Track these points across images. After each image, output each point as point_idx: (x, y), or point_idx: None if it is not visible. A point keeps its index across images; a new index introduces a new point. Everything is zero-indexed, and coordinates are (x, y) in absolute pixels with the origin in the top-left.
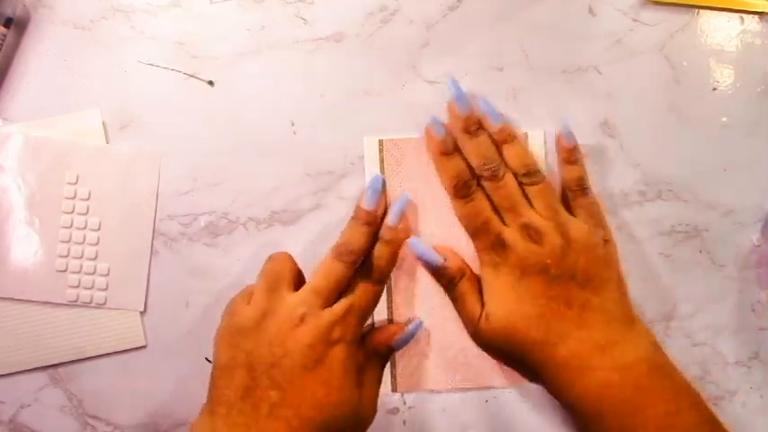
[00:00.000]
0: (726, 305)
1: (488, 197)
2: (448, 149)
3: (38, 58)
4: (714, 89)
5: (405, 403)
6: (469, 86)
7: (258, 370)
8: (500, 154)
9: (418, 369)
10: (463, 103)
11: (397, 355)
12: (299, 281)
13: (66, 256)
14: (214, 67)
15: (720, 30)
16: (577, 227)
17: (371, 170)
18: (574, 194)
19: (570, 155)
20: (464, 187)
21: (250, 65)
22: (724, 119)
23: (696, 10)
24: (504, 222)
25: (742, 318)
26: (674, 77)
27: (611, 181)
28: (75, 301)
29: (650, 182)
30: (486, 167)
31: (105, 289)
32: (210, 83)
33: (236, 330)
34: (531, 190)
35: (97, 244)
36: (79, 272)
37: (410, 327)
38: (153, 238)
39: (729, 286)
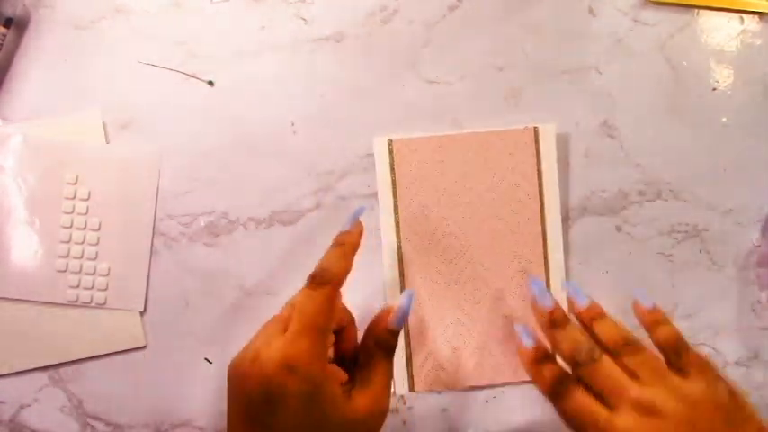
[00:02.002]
0: (726, 305)
1: (588, 388)
2: (540, 358)
3: (38, 58)
4: (714, 89)
5: (405, 403)
6: (469, 86)
7: (238, 407)
8: (592, 334)
9: (435, 368)
10: (546, 298)
11: (414, 354)
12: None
13: (66, 257)
14: (214, 67)
15: (720, 30)
16: (695, 386)
17: (382, 170)
18: (677, 356)
19: (649, 317)
20: (559, 385)
21: (250, 65)
22: (724, 119)
23: (696, 10)
24: (612, 408)
25: (742, 318)
26: (674, 77)
27: (611, 181)
28: (75, 301)
29: (650, 182)
30: (580, 352)
31: (105, 289)
32: (210, 83)
33: None
34: (632, 361)
35: (97, 244)
36: (79, 272)
37: (401, 302)
38: (153, 238)
39: (729, 286)
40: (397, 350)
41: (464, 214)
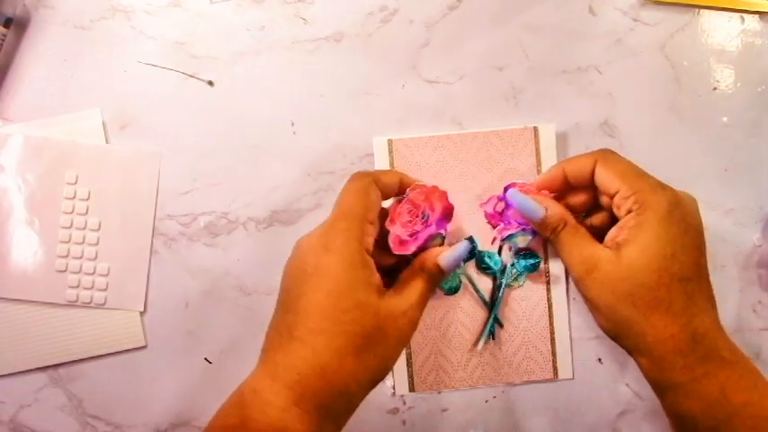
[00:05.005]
0: (726, 305)
1: None
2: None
3: (38, 58)
4: (714, 89)
5: (405, 403)
6: (469, 86)
7: (279, 301)
8: None
9: (435, 368)
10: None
11: (414, 354)
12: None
13: (66, 257)
14: (214, 67)
15: (721, 29)
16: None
17: (381, 168)
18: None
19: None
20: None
21: (250, 65)
22: (724, 119)
23: (696, 10)
24: None
25: (743, 318)
26: (674, 77)
27: None
28: (75, 302)
29: None
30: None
31: (105, 289)
32: (210, 83)
33: None
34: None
35: (97, 244)
36: (79, 272)
37: (459, 245)
38: (153, 238)
39: (730, 286)
40: None
41: (464, 214)
